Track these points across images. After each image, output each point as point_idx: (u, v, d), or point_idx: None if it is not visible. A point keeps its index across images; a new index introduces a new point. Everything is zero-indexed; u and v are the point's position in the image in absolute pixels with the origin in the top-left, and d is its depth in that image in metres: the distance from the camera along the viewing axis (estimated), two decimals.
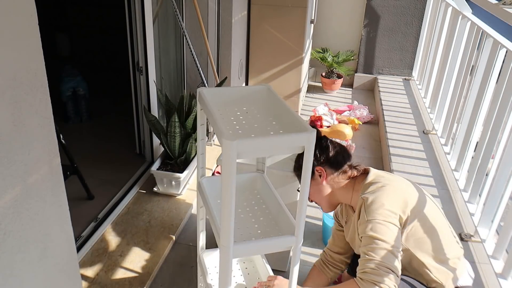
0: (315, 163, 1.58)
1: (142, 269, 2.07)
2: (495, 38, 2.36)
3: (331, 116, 3.79)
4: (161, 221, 2.41)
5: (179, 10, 2.71)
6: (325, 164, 1.61)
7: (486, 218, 2.15)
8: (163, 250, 2.21)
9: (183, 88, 3.23)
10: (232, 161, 1.02)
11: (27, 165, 1.06)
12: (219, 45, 3.19)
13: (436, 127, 3.30)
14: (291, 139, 1.07)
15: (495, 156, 2.21)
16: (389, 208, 1.46)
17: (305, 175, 1.12)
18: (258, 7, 3.54)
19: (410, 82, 4.44)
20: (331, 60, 4.42)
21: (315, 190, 1.63)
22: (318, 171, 1.60)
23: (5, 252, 1.02)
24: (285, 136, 1.09)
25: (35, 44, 1.03)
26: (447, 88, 3.13)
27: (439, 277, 1.52)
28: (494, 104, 2.24)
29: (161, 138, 2.58)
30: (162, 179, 2.59)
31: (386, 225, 1.43)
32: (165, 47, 2.97)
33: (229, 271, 1.18)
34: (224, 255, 1.15)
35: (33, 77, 1.03)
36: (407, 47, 4.43)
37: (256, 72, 3.76)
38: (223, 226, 1.11)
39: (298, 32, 3.56)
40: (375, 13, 4.35)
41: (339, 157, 1.62)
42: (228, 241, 1.13)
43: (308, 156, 1.09)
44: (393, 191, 1.51)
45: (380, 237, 1.41)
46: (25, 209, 1.07)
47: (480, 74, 2.53)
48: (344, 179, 1.62)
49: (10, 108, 0.98)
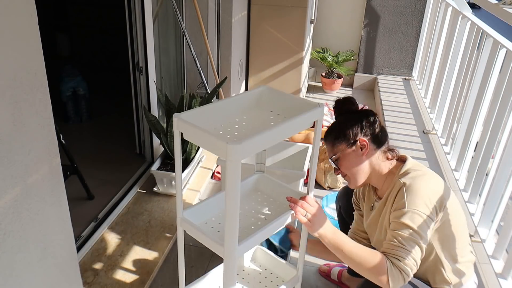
0: (359, 134, 1.54)
1: (142, 269, 2.07)
2: (495, 38, 2.36)
3: (331, 116, 3.79)
4: (161, 221, 2.41)
5: (179, 10, 2.71)
6: (370, 137, 1.55)
7: (486, 218, 2.15)
8: (163, 250, 2.21)
9: (183, 88, 3.23)
10: (237, 167, 1.02)
11: (27, 165, 1.06)
12: (219, 45, 3.19)
13: (436, 127, 3.30)
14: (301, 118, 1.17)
15: (495, 156, 2.21)
16: (430, 199, 1.42)
17: (315, 147, 1.26)
18: (258, 7, 3.53)
19: (410, 82, 4.44)
20: (331, 60, 4.42)
21: (352, 161, 1.56)
22: (362, 142, 1.54)
23: (5, 252, 1.02)
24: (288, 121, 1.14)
25: (35, 44, 1.03)
26: (447, 88, 3.13)
27: (451, 278, 1.51)
28: (494, 104, 2.24)
29: (161, 138, 2.58)
30: (162, 179, 2.59)
31: (425, 218, 1.40)
32: (165, 47, 2.96)
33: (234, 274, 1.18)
34: (229, 257, 1.14)
35: (33, 77, 1.03)
36: (407, 47, 4.43)
37: (256, 72, 3.76)
38: (227, 229, 1.10)
39: (298, 32, 3.56)
40: (375, 13, 4.35)
41: (383, 136, 1.58)
42: (233, 242, 1.12)
43: (317, 130, 1.23)
44: (434, 183, 1.48)
45: (417, 229, 1.38)
46: (25, 209, 1.07)
47: (480, 74, 2.53)
48: (382, 160, 1.58)
49: (10, 108, 0.98)
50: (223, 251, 1.14)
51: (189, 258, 2.24)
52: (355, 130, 1.55)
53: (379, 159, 1.57)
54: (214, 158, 3.06)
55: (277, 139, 1.12)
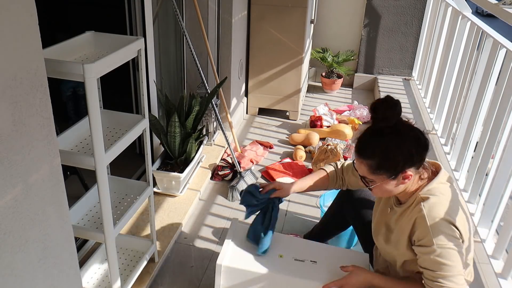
0: (406, 167, 1.40)
1: (142, 269, 2.07)
2: (495, 38, 2.36)
3: (331, 116, 3.79)
4: (161, 221, 2.41)
5: (179, 10, 2.71)
6: (415, 168, 1.43)
7: (486, 218, 2.16)
8: (163, 250, 2.21)
9: (183, 88, 3.23)
10: (93, 84, 1.39)
11: (27, 165, 1.06)
12: (219, 45, 3.19)
13: (436, 127, 3.30)
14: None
15: (495, 156, 2.21)
16: (456, 227, 1.38)
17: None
18: (258, 7, 3.53)
19: (410, 82, 4.44)
20: (331, 60, 4.42)
21: (388, 189, 1.46)
22: (406, 176, 1.41)
23: (5, 252, 1.02)
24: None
25: (35, 44, 1.03)
26: (447, 88, 3.13)
27: None
28: (494, 104, 2.24)
29: (161, 138, 2.58)
30: (162, 179, 2.59)
31: (457, 249, 1.37)
32: (165, 47, 2.96)
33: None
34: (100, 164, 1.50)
35: (33, 77, 1.03)
36: (407, 47, 4.43)
37: (256, 72, 3.76)
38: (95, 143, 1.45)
39: (298, 32, 3.56)
40: (375, 13, 4.35)
41: (425, 156, 1.44)
42: (101, 150, 1.49)
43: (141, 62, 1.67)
44: (459, 207, 1.42)
45: (451, 263, 1.36)
46: (25, 209, 1.07)
47: (480, 74, 2.53)
48: (416, 181, 1.48)
49: (10, 108, 0.98)
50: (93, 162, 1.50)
51: (189, 258, 2.24)
52: (402, 163, 1.40)
53: (414, 180, 1.47)
54: (215, 158, 3.06)
55: (118, 61, 1.54)
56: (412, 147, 1.41)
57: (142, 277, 2.02)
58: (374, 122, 1.46)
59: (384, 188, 1.47)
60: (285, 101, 3.82)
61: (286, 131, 3.67)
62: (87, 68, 1.34)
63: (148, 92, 2.63)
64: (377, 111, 1.44)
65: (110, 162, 1.62)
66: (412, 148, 1.40)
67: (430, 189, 1.45)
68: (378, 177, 1.45)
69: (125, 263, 2.02)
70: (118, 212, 1.82)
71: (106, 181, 1.54)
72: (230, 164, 2.96)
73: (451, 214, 1.40)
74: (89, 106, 1.42)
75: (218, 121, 2.97)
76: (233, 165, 2.93)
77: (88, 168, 1.53)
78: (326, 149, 2.96)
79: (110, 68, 1.50)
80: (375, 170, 1.43)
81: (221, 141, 3.28)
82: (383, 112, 1.43)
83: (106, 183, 1.54)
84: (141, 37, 1.66)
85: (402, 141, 1.40)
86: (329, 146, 2.99)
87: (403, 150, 1.40)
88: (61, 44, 1.58)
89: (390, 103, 1.45)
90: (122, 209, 1.84)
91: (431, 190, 1.45)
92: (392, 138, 1.41)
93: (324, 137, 3.47)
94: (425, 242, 1.40)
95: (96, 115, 1.43)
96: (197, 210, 2.62)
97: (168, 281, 2.09)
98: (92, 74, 1.36)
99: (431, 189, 1.45)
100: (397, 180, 1.43)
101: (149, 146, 1.89)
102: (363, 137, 1.48)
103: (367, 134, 1.47)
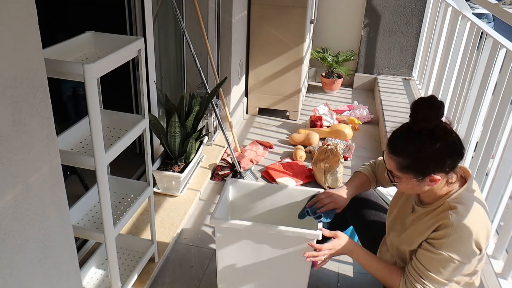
0: (436, 171, 1.37)
1: (142, 269, 2.07)
2: (495, 38, 2.35)
3: (331, 116, 3.79)
4: (161, 221, 2.41)
5: (179, 10, 2.70)
6: (444, 173, 1.39)
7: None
8: (163, 250, 2.21)
9: (183, 88, 3.23)
10: (93, 84, 1.40)
11: (27, 165, 1.06)
12: (219, 45, 3.19)
13: None
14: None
15: (495, 156, 2.21)
16: (476, 243, 1.34)
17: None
18: (258, 7, 3.53)
19: (410, 82, 4.44)
20: (331, 60, 4.42)
21: (413, 187, 1.44)
22: (434, 179, 1.38)
23: (5, 252, 1.02)
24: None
25: (35, 44, 1.03)
26: (447, 88, 3.13)
27: None
28: (494, 104, 2.24)
29: (161, 138, 2.58)
30: (162, 179, 2.59)
31: (460, 266, 1.37)
32: (165, 47, 2.96)
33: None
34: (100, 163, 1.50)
35: (33, 77, 1.03)
36: (407, 47, 4.43)
37: (256, 72, 3.75)
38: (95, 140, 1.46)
39: (298, 32, 3.56)
40: (375, 13, 4.35)
41: (458, 163, 1.41)
42: (101, 150, 1.49)
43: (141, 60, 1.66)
44: (486, 220, 1.39)
45: (445, 272, 1.38)
46: (25, 209, 1.07)
47: (480, 74, 2.53)
48: (444, 185, 1.44)
49: (10, 108, 0.98)
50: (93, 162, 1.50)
51: (189, 258, 2.24)
52: (432, 168, 1.37)
53: (441, 184, 1.43)
54: (215, 158, 3.07)
55: (118, 61, 1.55)
56: (446, 154, 1.36)
57: (142, 277, 2.02)
58: (413, 120, 1.39)
59: (409, 186, 1.45)
60: (285, 101, 3.82)
61: (286, 131, 3.67)
62: (87, 68, 1.35)
63: (148, 92, 2.63)
64: (419, 110, 1.37)
65: (110, 162, 1.62)
66: (446, 155, 1.36)
67: (460, 197, 1.42)
68: (404, 176, 1.42)
69: (125, 263, 2.02)
70: (118, 212, 1.82)
71: (106, 181, 1.54)
72: (230, 164, 2.96)
73: (479, 233, 1.35)
74: (89, 106, 1.42)
75: (218, 121, 2.97)
76: (233, 165, 2.94)
77: (88, 168, 1.53)
78: (326, 149, 2.96)
79: (110, 68, 1.50)
80: (403, 168, 1.41)
81: (221, 141, 3.28)
82: (425, 112, 1.37)
83: (106, 183, 1.54)
84: (141, 37, 1.66)
85: (437, 147, 1.35)
86: (329, 146, 2.99)
87: (436, 156, 1.36)
88: (61, 44, 1.58)
89: (433, 104, 1.39)
90: (122, 209, 1.85)
91: (460, 199, 1.41)
92: (427, 142, 1.35)
93: (324, 137, 3.47)
94: (437, 243, 1.39)
95: (96, 115, 1.44)
96: (197, 210, 2.62)
97: (168, 281, 2.09)
98: (92, 74, 1.37)
99: (460, 197, 1.41)
100: (424, 182, 1.40)
101: (149, 146, 1.89)
102: (398, 133, 1.43)
103: (403, 131, 1.42)
